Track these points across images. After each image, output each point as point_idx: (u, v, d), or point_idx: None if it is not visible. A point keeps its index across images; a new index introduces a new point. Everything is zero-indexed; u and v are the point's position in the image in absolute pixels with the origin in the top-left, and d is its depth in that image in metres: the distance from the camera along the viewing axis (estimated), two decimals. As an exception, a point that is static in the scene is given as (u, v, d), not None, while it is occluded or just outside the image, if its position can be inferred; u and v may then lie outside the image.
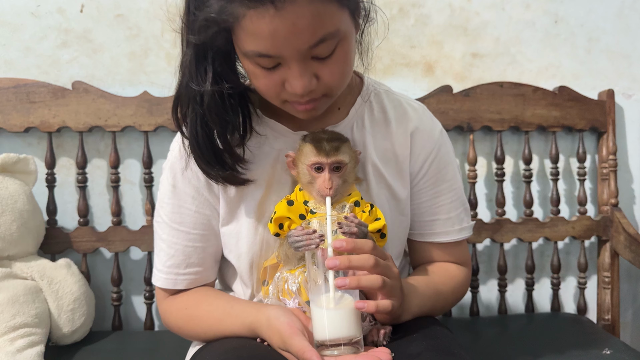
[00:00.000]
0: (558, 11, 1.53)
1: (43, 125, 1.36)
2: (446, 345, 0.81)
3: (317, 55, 0.76)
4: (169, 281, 0.95)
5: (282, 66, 0.77)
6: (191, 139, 0.85)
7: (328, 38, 0.74)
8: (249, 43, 0.74)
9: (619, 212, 1.48)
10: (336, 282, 0.75)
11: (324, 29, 0.73)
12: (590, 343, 1.25)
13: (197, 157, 0.86)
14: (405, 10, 1.49)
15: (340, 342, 0.74)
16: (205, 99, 0.80)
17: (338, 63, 0.78)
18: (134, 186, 1.46)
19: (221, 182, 0.89)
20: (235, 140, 0.87)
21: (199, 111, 0.82)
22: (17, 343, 1.09)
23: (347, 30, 0.77)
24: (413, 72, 1.51)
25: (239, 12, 0.70)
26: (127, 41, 1.43)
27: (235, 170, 0.88)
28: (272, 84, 0.79)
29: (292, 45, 0.73)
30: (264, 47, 0.73)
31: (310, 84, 0.77)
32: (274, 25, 0.70)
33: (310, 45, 0.73)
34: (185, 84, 0.81)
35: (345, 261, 0.75)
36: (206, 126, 0.83)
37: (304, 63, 0.76)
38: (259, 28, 0.71)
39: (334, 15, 0.73)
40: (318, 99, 0.82)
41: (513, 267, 1.56)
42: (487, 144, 1.53)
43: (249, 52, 0.75)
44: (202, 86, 0.79)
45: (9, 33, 1.40)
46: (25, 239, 1.26)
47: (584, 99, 1.50)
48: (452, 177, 0.99)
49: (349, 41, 0.79)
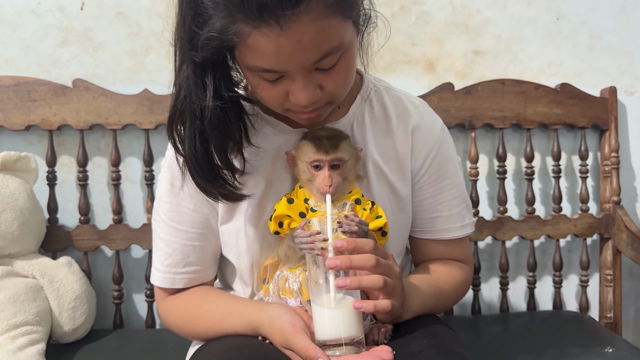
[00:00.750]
0: (560, 8, 1.52)
1: (44, 124, 1.36)
2: (447, 344, 0.81)
3: (321, 67, 0.75)
4: (167, 280, 0.95)
5: (285, 78, 0.76)
6: (190, 157, 0.81)
7: (332, 52, 0.73)
8: (253, 59, 0.73)
9: (621, 210, 1.48)
10: (337, 282, 0.74)
11: (329, 44, 0.72)
12: (592, 341, 1.25)
13: (196, 174, 0.82)
14: (407, 7, 1.49)
15: (341, 342, 0.73)
16: (206, 114, 0.77)
17: (342, 73, 0.78)
18: (134, 184, 1.46)
19: (221, 200, 0.86)
20: (234, 153, 0.85)
21: (199, 127, 0.78)
22: (18, 341, 1.09)
23: (351, 40, 0.77)
24: (414, 69, 1.51)
25: (244, 32, 0.69)
26: (128, 39, 1.42)
27: (234, 186, 0.85)
28: (276, 96, 0.78)
29: (297, 61, 0.72)
30: (269, 64, 0.73)
31: (314, 95, 0.77)
32: (279, 43, 0.69)
33: (315, 60, 0.73)
34: (183, 98, 0.77)
35: (346, 261, 0.74)
36: (206, 142, 0.80)
37: (308, 76, 0.75)
38: (264, 46, 0.70)
39: (338, 29, 0.72)
40: (321, 107, 0.82)
41: (515, 265, 1.56)
42: (488, 141, 1.53)
43: (253, 67, 0.74)
44: (203, 101, 0.76)
45: (10, 31, 1.40)
46: (26, 237, 1.26)
47: (586, 97, 1.49)
48: (454, 174, 0.99)
49: (352, 50, 0.78)
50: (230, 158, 0.84)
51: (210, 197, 0.87)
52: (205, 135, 0.79)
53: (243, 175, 0.88)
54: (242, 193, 0.87)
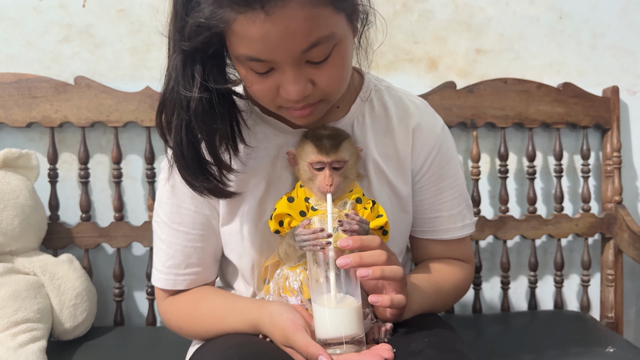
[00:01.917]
0: (563, 7, 1.52)
1: (45, 121, 1.35)
2: (448, 342, 0.81)
3: (311, 60, 0.74)
4: (169, 282, 0.95)
5: (275, 71, 0.75)
6: (175, 148, 0.80)
7: (322, 42, 0.72)
8: (240, 47, 0.72)
9: (623, 210, 1.47)
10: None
11: (318, 33, 0.71)
12: (593, 341, 1.25)
13: (180, 167, 0.82)
14: (409, 5, 1.48)
15: (342, 340, 0.74)
16: (192, 105, 0.76)
17: (334, 68, 0.76)
18: (136, 182, 1.46)
19: (206, 194, 0.85)
20: (223, 149, 0.84)
21: (184, 117, 0.77)
22: (19, 338, 1.09)
23: (343, 34, 0.75)
24: (416, 67, 1.51)
25: (229, 17, 0.69)
26: (129, 36, 1.42)
27: (221, 182, 0.84)
28: (266, 90, 0.77)
29: (284, 49, 0.71)
30: (255, 51, 0.72)
31: (305, 89, 0.76)
32: (265, 30, 0.68)
33: (303, 49, 0.71)
34: (171, 88, 0.77)
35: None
36: (192, 134, 0.79)
37: (298, 68, 0.74)
38: (250, 32, 0.69)
39: (328, 19, 0.71)
40: (314, 104, 0.80)
41: (516, 264, 1.56)
42: (490, 140, 1.53)
43: (241, 55, 0.73)
44: (190, 91, 0.75)
45: (11, 28, 1.40)
46: (27, 234, 1.26)
47: (588, 96, 1.49)
48: (455, 174, 0.99)
49: (345, 45, 0.77)
50: (217, 153, 0.82)
51: (195, 191, 0.85)
52: (191, 128, 0.78)
53: (239, 174, 0.87)
54: (229, 190, 0.85)
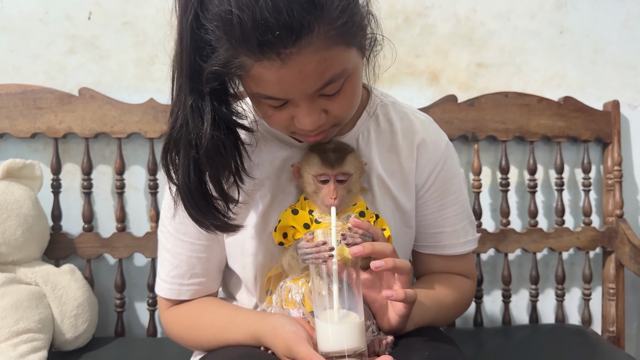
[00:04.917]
0: (564, 21, 1.53)
1: (49, 131, 1.36)
2: (449, 356, 0.81)
3: (325, 93, 0.75)
4: (173, 291, 0.95)
5: (290, 104, 0.76)
6: (183, 186, 0.80)
7: (335, 79, 0.73)
8: (256, 88, 0.73)
9: (624, 223, 1.48)
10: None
11: (331, 72, 0.72)
12: (594, 355, 1.25)
13: (188, 205, 0.81)
14: (411, 19, 1.49)
15: (344, 354, 0.74)
16: (203, 143, 0.75)
17: (346, 97, 0.77)
18: (138, 192, 1.46)
19: (212, 230, 0.84)
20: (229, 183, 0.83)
21: (193, 156, 0.77)
22: (20, 348, 1.09)
23: (355, 65, 0.76)
24: (418, 81, 1.52)
25: (247, 64, 0.69)
26: (134, 48, 1.43)
27: (228, 217, 0.84)
28: (280, 120, 0.79)
29: (299, 89, 0.72)
30: (271, 92, 0.73)
31: (319, 119, 0.77)
32: (280, 74, 0.69)
33: (317, 88, 0.73)
34: (179, 127, 0.76)
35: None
36: (200, 172, 0.78)
37: (312, 102, 0.75)
38: (266, 77, 0.70)
39: (341, 57, 0.72)
40: (327, 129, 0.82)
41: (517, 277, 1.55)
42: (491, 153, 1.53)
43: (257, 94, 0.75)
44: (200, 130, 0.74)
45: (17, 39, 1.41)
46: (29, 244, 1.26)
47: (589, 110, 1.49)
48: (458, 190, 0.99)
49: (356, 74, 0.78)
50: (224, 188, 0.82)
51: (202, 228, 0.84)
52: (199, 165, 0.78)
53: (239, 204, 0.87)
54: (235, 224, 0.85)
